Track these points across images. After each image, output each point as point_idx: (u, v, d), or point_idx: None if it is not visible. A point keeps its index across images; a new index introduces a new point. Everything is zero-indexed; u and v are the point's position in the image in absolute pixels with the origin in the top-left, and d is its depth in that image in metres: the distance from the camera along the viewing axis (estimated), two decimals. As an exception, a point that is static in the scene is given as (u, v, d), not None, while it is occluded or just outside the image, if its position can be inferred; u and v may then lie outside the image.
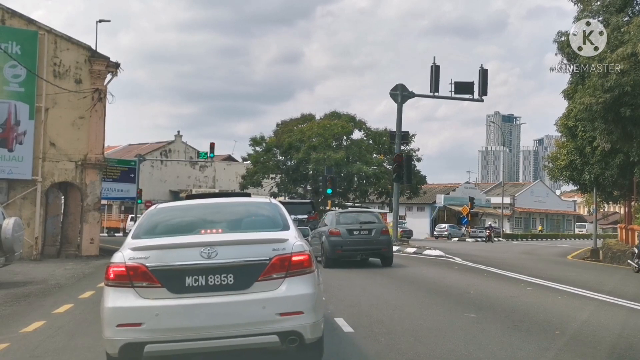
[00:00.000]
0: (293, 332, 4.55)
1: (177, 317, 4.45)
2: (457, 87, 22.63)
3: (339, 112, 51.82)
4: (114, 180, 40.25)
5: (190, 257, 4.53)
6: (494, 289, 10.47)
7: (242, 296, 4.52)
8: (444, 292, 10.16)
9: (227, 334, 4.49)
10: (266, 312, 4.50)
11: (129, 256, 4.59)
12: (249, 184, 50.70)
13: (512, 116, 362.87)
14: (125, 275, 4.50)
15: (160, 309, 4.44)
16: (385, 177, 48.05)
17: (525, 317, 7.62)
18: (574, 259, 25.11)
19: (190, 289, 4.49)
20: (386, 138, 51.30)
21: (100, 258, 20.52)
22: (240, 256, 4.59)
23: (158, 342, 4.45)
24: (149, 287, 4.47)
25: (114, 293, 4.53)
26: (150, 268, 4.48)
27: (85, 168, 21.54)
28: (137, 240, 4.87)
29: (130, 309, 4.45)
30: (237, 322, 4.49)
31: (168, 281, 4.49)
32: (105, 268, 4.65)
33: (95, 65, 21.85)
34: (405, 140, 22.50)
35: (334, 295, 9.31)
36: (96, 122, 21.86)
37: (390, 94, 22.41)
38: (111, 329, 4.48)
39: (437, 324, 7.12)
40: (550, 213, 77.19)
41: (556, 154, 45.81)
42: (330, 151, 46.31)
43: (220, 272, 4.52)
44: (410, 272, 13.61)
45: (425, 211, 67.07)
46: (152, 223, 5.26)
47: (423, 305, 8.44)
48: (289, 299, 4.56)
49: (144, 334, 4.42)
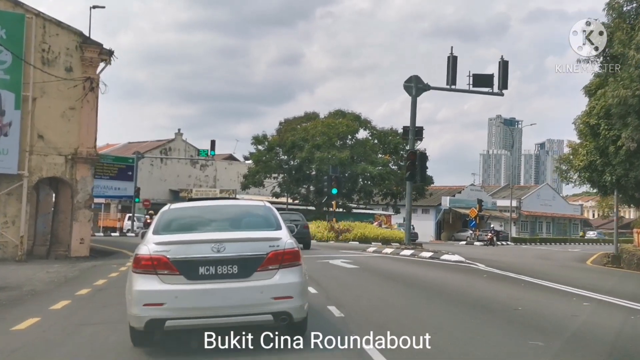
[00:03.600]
0: (284, 312, 5.59)
1: (192, 299, 5.46)
2: (475, 79, 21.08)
3: (343, 110, 50.32)
4: (111, 178, 38.72)
5: (203, 251, 5.55)
6: (544, 305, 8.86)
7: (244, 283, 5.55)
8: (486, 307, 8.53)
9: (232, 313, 5.52)
10: (263, 296, 5.54)
11: (153, 249, 5.57)
12: (250, 183, 49.18)
13: (514, 119, 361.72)
14: (150, 264, 5.49)
15: (178, 292, 5.46)
16: (390, 178, 46.53)
17: (614, 349, 6.06)
18: (596, 265, 23.55)
19: (203, 277, 5.52)
20: (392, 137, 49.91)
21: (91, 259, 19.02)
22: (243, 251, 5.61)
23: (176, 318, 5.46)
24: (170, 274, 5.49)
25: (141, 279, 5.51)
26: (170, 259, 5.49)
27: (76, 162, 20.02)
28: (158, 235, 5.86)
29: (155, 292, 5.44)
30: (240, 303, 5.52)
31: (185, 270, 5.50)
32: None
33: (87, 52, 20.33)
34: (419, 136, 20.93)
35: (361, 312, 7.75)
36: (88, 114, 20.34)
37: (404, 86, 20.90)
38: (138, 307, 5.47)
39: (497, 356, 5.60)
40: (557, 217, 75.58)
41: (568, 155, 44.51)
42: (335, 150, 44.81)
43: (227, 264, 5.54)
44: (435, 281, 12.04)
45: (430, 213, 65.45)
46: (167, 221, 6.24)
47: (468, 328, 6.81)
48: (282, 286, 5.59)
49: (165, 312, 5.42)
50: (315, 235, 32.17)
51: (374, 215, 56.92)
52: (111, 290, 10.34)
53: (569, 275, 14.90)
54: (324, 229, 32.56)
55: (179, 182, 57.67)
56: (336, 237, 31.57)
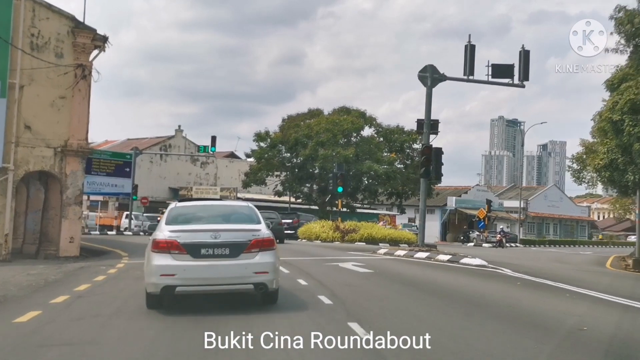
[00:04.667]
0: (262, 283, 7.78)
1: (196, 271, 7.55)
2: (494, 70, 19.67)
3: (348, 107, 48.85)
4: (108, 175, 37.37)
5: (204, 237, 7.62)
6: (610, 323, 7.40)
7: (233, 261, 7.63)
8: (547, 328, 6.88)
9: (224, 282, 7.75)
10: (247, 271, 7.66)
11: (168, 235, 7.64)
12: (252, 181, 47.74)
13: (516, 121, 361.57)
14: (165, 246, 7.55)
15: (186, 266, 7.51)
16: (396, 177, 45.08)
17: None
18: (618, 270, 22.10)
19: (204, 256, 7.58)
20: (398, 135, 48.45)
21: (80, 260, 17.65)
22: (233, 238, 7.71)
23: (184, 285, 7.64)
24: (179, 253, 7.52)
25: (158, 256, 7.56)
26: (180, 243, 7.55)
27: (66, 155, 18.64)
28: (169, 225, 7.89)
29: (169, 266, 7.48)
30: (230, 276, 7.67)
31: (191, 250, 7.55)
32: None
33: (79, 37, 18.95)
34: (434, 130, 19.49)
35: (394, 331, 6.30)
36: (79, 103, 18.95)
37: (418, 77, 19.48)
38: (156, 277, 7.55)
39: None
40: (564, 218, 74.09)
41: (581, 155, 42.98)
42: (339, 148, 43.37)
43: (221, 247, 7.61)
44: (467, 290, 10.48)
45: (435, 214, 63.94)
46: (175, 215, 8.26)
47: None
48: (260, 264, 7.69)
49: (176, 280, 7.51)
50: (319, 235, 30.77)
51: (378, 216, 55.49)
52: (92, 298, 8.97)
53: (605, 282, 13.48)
54: (328, 228, 31.06)
55: (178, 179, 56.27)
56: (341, 238, 30.11)
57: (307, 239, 31.60)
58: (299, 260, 16.56)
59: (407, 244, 30.94)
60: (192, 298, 8.21)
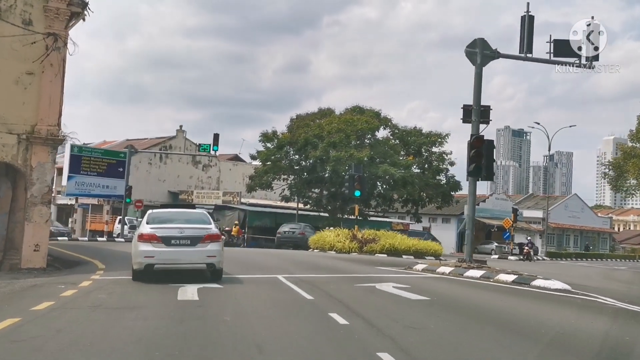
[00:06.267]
0: (211, 264, 11.80)
1: (168, 254, 11.49)
2: (556, 47, 16.07)
3: (362, 106, 45.17)
4: (99, 175, 33.78)
5: (174, 232, 11.59)
6: None
7: (193, 248, 11.51)
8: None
9: (187, 262, 11.94)
10: (202, 255, 11.64)
11: (149, 230, 11.55)
12: (257, 185, 44.04)
13: (522, 131, 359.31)
14: (147, 237, 11.42)
15: (161, 251, 11.38)
16: (414, 182, 41.38)
17: None
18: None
19: (174, 245, 11.45)
20: (416, 137, 44.82)
21: (43, 273, 14.08)
22: (193, 233, 11.65)
23: (160, 264, 11.70)
24: (157, 242, 11.36)
25: (143, 244, 11.43)
26: (158, 235, 11.41)
27: (33, 144, 15.14)
28: (149, 224, 11.88)
29: (150, 250, 11.36)
30: (190, 258, 11.75)
31: (165, 241, 11.39)
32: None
33: (52, 1, 15.47)
34: (485, 117, 15.81)
35: None
36: (51, 81, 15.44)
37: (466, 53, 15.86)
38: (141, 258, 11.41)
39: None
40: (586, 230, 70.15)
41: (618, 160, 39.31)
42: (352, 149, 39.74)
43: (185, 239, 11.53)
44: (591, 338, 6.89)
45: (451, 223, 60.28)
46: (152, 218, 12.38)
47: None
48: (211, 251, 11.64)
49: (155, 260, 11.49)
50: (334, 245, 27.05)
51: (391, 224, 51.62)
52: (5, 345, 5.37)
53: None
54: (344, 238, 27.26)
55: (179, 183, 52.66)
56: (359, 248, 26.36)
57: (319, 249, 27.94)
58: (321, 278, 12.98)
59: (434, 257, 27.25)
60: (167, 273, 11.98)
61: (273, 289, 10.87)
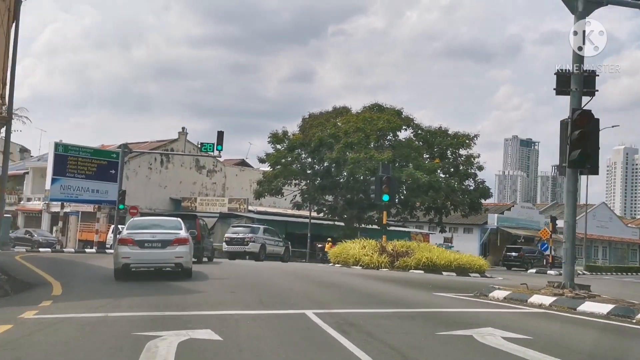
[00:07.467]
0: (180, 263, 13.99)
1: (142, 256, 13.79)
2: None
3: (381, 104, 40.98)
4: (87, 177, 29.67)
5: (147, 237, 13.89)
6: None
7: (163, 250, 13.81)
8: None
9: (158, 262, 14.31)
10: (171, 256, 13.87)
11: (127, 235, 13.99)
12: (266, 191, 39.81)
13: (530, 140, 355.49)
14: (125, 241, 13.76)
15: (136, 252, 13.62)
16: (441, 188, 37.19)
17: None
18: None
19: (147, 247, 13.71)
20: (441, 139, 40.66)
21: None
22: (164, 237, 13.98)
23: (135, 264, 13.93)
24: (133, 245, 13.64)
25: (121, 247, 13.76)
26: (134, 239, 13.71)
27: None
28: (128, 230, 14.37)
29: (127, 252, 13.59)
30: (161, 259, 14.08)
31: (139, 244, 13.66)
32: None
33: None
34: (589, 87, 11.51)
35: None
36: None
37: (564, 0, 11.76)
38: (119, 258, 13.61)
39: None
40: (614, 241, 65.60)
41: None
42: (372, 151, 35.60)
43: (157, 242, 13.85)
44: None
45: (473, 233, 55.86)
46: (132, 225, 14.95)
47: None
48: (179, 252, 13.85)
49: (130, 261, 13.68)
50: (360, 259, 22.75)
51: (410, 234, 47.20)
52: None
53: None
54: (371, 250, 22.95)
55: (181, 189, 48.57)
56: (391, 263, 22.07)
57: (342, 264, 23.66)
58: (373, 316, 8.68)
59: (479, 274, 22.94)
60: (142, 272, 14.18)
61: (303, 342, 6.64)
